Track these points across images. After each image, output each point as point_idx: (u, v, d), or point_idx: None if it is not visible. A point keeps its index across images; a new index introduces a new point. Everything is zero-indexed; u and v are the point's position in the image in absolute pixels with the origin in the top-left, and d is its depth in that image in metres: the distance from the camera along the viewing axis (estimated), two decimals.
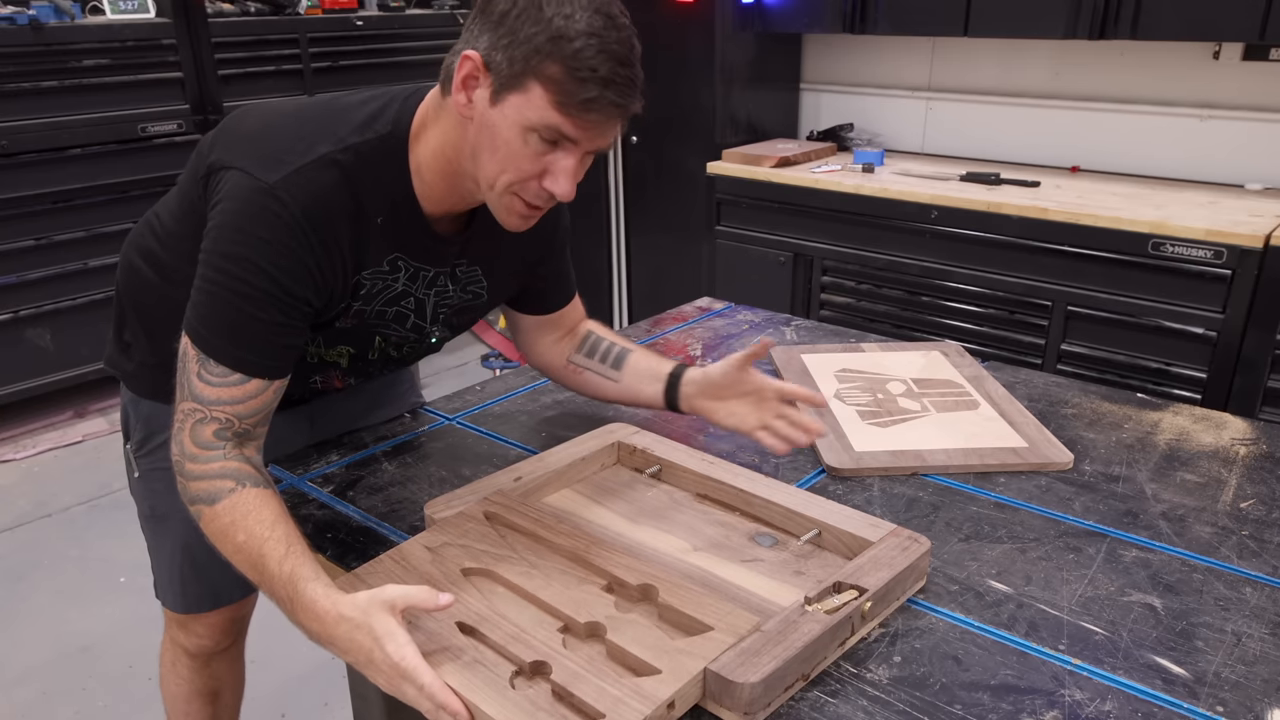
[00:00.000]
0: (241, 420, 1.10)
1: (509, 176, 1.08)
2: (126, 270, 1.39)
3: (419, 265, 1.23)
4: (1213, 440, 1.46)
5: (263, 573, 1.01)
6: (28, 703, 2.25)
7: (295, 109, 1.18)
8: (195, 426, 1.08)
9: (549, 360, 1.46)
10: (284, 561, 1.00)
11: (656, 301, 3.51)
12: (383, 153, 1.13)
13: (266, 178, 1.07)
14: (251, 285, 1.06)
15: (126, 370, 1.43)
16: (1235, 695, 0.94)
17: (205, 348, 1.08)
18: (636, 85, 1.04)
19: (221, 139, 1.18)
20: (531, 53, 1.00)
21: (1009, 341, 2.83)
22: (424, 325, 1.31)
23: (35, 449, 3.42)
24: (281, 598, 1.00)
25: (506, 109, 1.04)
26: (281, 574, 1.00)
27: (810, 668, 0.95)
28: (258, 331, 1.09)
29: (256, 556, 1.02)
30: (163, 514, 1.47)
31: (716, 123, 3.43)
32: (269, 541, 1.02)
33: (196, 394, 1.08)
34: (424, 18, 4.43)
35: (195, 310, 1.09)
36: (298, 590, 0.98)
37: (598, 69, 1.00)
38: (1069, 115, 3.16)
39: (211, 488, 1.06)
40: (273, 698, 2.24)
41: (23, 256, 3.39)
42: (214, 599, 1.54)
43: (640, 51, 1.05)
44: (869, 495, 1.30)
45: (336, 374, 1.37)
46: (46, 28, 3.28)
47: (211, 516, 1.05)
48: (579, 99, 1.01)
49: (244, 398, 1.09)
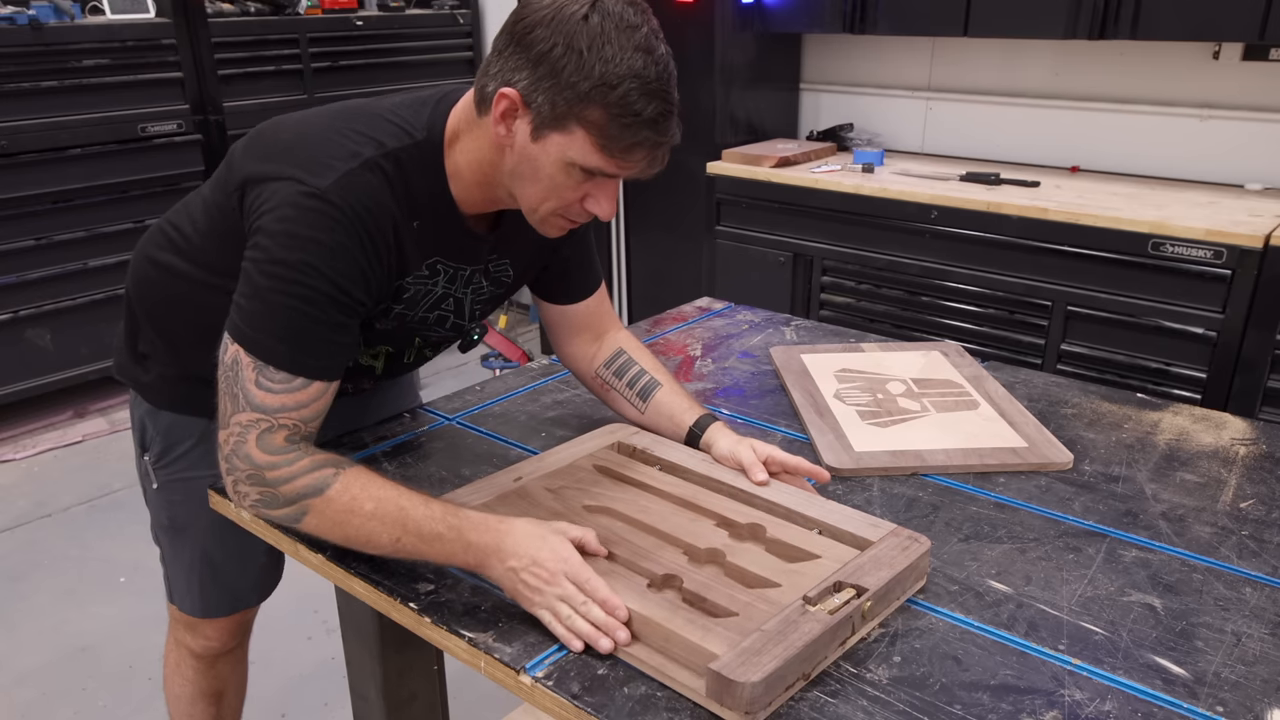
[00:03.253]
0: (307, 424, 1.12)
1: (551, 204, 1.12)
2: (141, 282, 1.38)
3: (456, 265, 1.25)
4: (1213, 440, 1.46)
5: (407, 521, 1.06)
6: (28, 703, 2.25)
7: (330, 117, 1.19)
8: (263, 436, 1.08)
9: (578, 366, 1.46)
10: (429, 504, 1.07)
11: (656, 301, 3.51)
12: (419, 158, 1.15)
13: (317, 184, 1.08)
14: (312, 288, 1.08)
15: (143, 382, 1.42)
16: (1235, 695, 0.94)
17: (263, 355, 1.09)
18: (674, 115, 1.06)
19: (255, 151, 1.19)
20: (575, 99, 1.02)
21: (1009, 341, 2.83)
22: (463, 324, 1.34)
23: (35, 449, 3.42)
24: (438, 532, 1.05)
25: (548, 146, 1.06)
26: (433, 513, 1.06)
27: (810, 667, 0.95)
28: (319, 334, 1.10)
29: (396, 510, 1.06)
30: (182, 524, 1.48)
31: (716, 123, 3.43)
32: (403, 495, 1.08)
33: (257, 403, 1.09)
34: (424, 18, 4.43)
35: (249, 319, 1.10)
36: (459, 516, 1.06)
37: (641, 112, 1.02)
38: (1069, 115, 3.16)
39: (313, 480, 1.08)
40: (273, 698, 2.24)
41: (23, 256, 3.38)
42: (231, 604, 1.55)
43: (676, 75, 1.07)
44: (869, 495, 1.30)
45: (369, 378, 1.39)
46: (46, 28, 3.28)
47: (324, 504, 1.08)
48: (623, 144, 1.04)
49: (308, 401, 1.11)
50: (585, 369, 1.45)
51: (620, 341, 1.44)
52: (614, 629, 0.97)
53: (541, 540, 1.02)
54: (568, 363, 1.49)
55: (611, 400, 1.43)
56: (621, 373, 1.41)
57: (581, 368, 1.45)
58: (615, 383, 1.41)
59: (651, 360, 1.43)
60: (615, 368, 1.41)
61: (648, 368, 1.41)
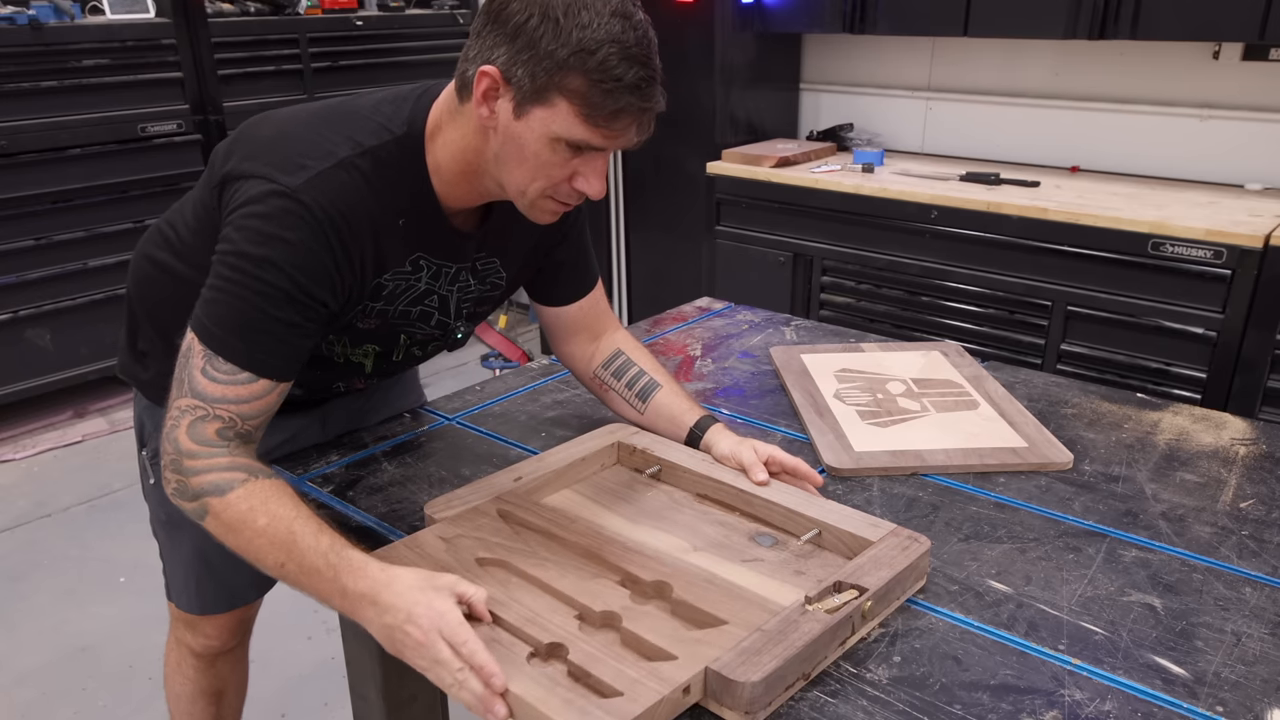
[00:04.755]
0: (244, 421, 1.09)
1: (540, 184, 1.09)
2: (140, 281, 1.39)
3: (441, 263, 1.23)
4: (1212, 440, 1.46)
5: (293, 549, 1.00)
6: (28, 703, 2.25)
7: (309, 115, 1.19)
8: (195, 424, 1.07)
9: (577, 366, 1.45)
10: (319, 535, 1.01)
11: (656, 301, 3.51)
12: (400, 154, 1.14)
13: (288, 182, 1.08)
14: (272, 285, 1.07)
15: (143, 379, 1.43)
16: (1235, 695, 0.94)
17: (214, 345, 1.08)
18: (658, 81, 1.04)
19: (237, 148, 1.18)
20: (554, 67, 1.00)
21: (1009, 341, 2.83)
22: (448, 321, 1.32)
23: (35, 449, 3.42)
24: (318, 567, 0.99)
25: (531, 122, 1.04)
26: (319, 545, 1.00)
27: (810, 667, 0.95)
28: (273, 331, 1.09)
29: (285, 534, 1.01)
30: (179, 520, 1.47)
31: (716, 123, 3.43)
32: (298, 520, 1.02)
33: (199, 390, 1.07)
34: (424, 18, 4.43)
35: (207, 308, 1.09)
36: (342, 556, 0.99)
37: (621, 77, 1.00)
38: (1069, 115, 3.16)
39: (221, 479, 1.05)
40: (273, 698, 2.24)
41: (23, 256, 3.38)
42: (229, 600, 1.55)
43: (656, 42, 1.05)
44: (869, 495, 1.30)
45: (359, 376, 1.38)
46: (46, 28, 3.27)
47: (223, 506, 1.04)
48: (606, 110, 1.02)
49: (250, 397, 1.09)
50: (584, 369, 1.44)
51: (618, 342, 1.44)
52: (490, 704, 0.88)
53: (419, 594, 0.94)
54: (566, 363, 1.48)
55: (610, 401, 1.43)
56: (620, 373, 1.40)
57: (580, 368, 1.45)
58: (614, 383, 1.40)
59: (650, 360, 1.42)
60: (614, 368, 1.41)
61: (646, 368, 1.40)
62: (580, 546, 1.12)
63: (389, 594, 0.95)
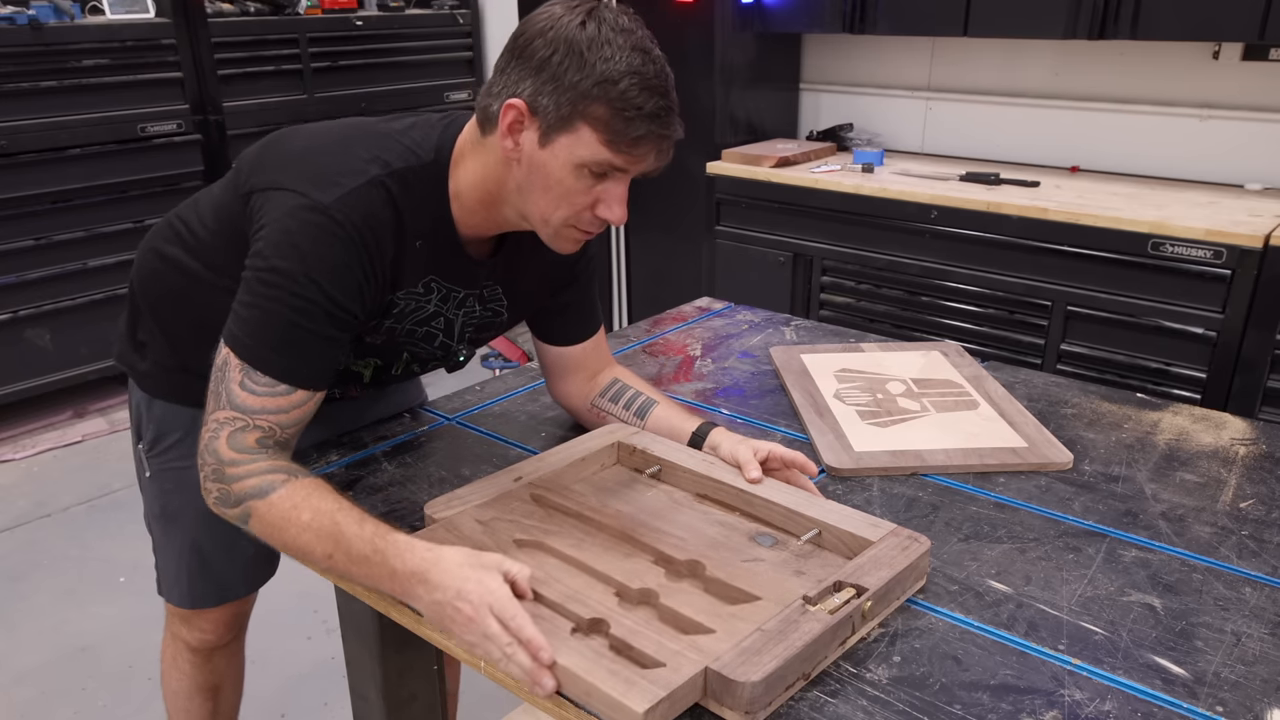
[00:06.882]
0: (283, 430, 1.13)
1: (564, 212, 1.13)
2: (147, 274, 1.41)
3: (451, 287, 1.27)
4: (1212, 440, 1.46)
5: (339, 538, 1.04)
6: (28, 703, 2.25)
7: (339, 132, 1.22)
8: (235, 434, 1.10)
9: (573, 403, 1.47)
10: (363, 524, 1.05)
11: (656, 301, 3.51)
12: (425, 179, 1.17)
13: (321, 198, 1.11)
14: (306, 299, 1.10)
15: (140, 369, 1.45)
16: (1235, 695, 0.94)
17: (251, 359, 1.11)
18: (675, 111, 1.09)
19: (266, 160, 1.21)
20: (578, 97, 1.05)
21: (1009, 341, 2.83)
22: (451, 344, 1.35)
23: (35, 449, 3.42)
24: (365, 554, 1.03)
25: (557, 149, 1.08)
26: (364, 533, 1.04)
27: (810, 667, 0.95)
28: (309, 344, 1.12)
29: (330, 525, 1.05)
30: (173, 513, 1.50)
31: (716, 123, 3.43)
32: (341, 511, 1.06)
33: (238, 403, 1.11)
34: (424, 18, 4.43)
35: (242, 324, 1.12)
36: (387, 540, 1.02)
37: (642, 106, 1.05)
38: (1069, 115, 3.16)
39: (263, 482, 1.08)
40: (273, 697, 2.24)
41: (22, 256, 3.38)
42: (220, 595, 1.56)
43: (673, 77, 1.10)
44: (869, 495, 1.30)
45: (357, 385, 1.40)
46: (46, 28, 3.27)
47: (267, 507, 1.07)
48: (628, 137, 1.06)
49: (289, 407, 1.13)
50: (579, 405, 1.45)
51: (614, 373, 1.46)
52: (539, 676, 0.91)
53: (469, 571, 0.97)
54: (562, 401, 1.49)
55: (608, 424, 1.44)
56: (617, 398, 1.42)
57: (576, 404, 1.46)
58: (612, 408, 1.42)
59: (646, 385, 1.45)
60: (610, 394, 1.43)
61: (643, 390, 1.42)
62: (613, 529, 1.17)
63: (437, 572, 0.98)
